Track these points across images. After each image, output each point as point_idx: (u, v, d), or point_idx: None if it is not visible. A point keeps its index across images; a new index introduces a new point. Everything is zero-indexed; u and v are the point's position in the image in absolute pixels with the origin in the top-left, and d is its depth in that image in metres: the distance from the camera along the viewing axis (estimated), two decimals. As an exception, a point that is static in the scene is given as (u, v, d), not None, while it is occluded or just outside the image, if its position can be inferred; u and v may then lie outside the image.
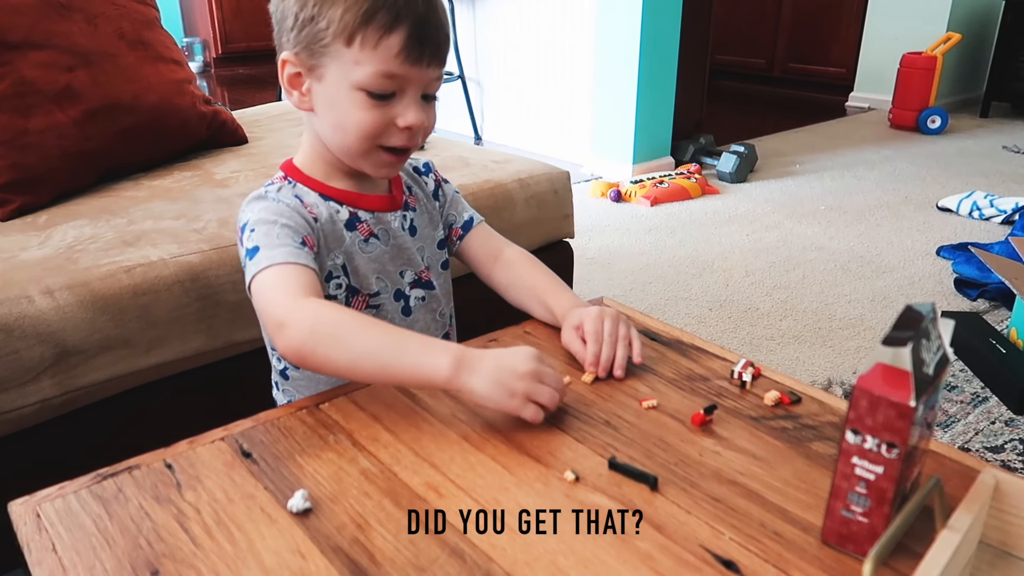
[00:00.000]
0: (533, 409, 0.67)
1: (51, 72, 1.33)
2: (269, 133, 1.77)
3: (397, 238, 0.88)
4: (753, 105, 5.07)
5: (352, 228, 0.85)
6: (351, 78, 0.75)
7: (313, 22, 0.75)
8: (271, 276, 0.73)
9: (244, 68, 5.84)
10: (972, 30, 4.54)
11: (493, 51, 3.80)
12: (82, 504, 0.59)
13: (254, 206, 0.79)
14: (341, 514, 0.58)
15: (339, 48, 0.75)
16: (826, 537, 0.56)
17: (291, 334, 0.70)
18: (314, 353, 0.69)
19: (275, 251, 0.74)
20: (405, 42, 0.74)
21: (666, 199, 2.96)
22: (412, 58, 0.75)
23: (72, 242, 1.13)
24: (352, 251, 0.84)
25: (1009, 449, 1.49)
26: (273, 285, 0.73)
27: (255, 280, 0.74)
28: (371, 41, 0.74)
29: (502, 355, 0.68)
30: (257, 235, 0.76)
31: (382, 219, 0.87)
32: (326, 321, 0.70)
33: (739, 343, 1.91)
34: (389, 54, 0.74)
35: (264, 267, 0.74)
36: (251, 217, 0.78)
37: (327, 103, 0.79)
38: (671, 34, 3.14)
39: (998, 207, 2.78)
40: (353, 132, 0.78)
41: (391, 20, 0.73)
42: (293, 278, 0.73)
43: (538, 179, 1.55)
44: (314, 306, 0.71)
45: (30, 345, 0.97)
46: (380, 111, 0.77)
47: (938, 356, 0.54)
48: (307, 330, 0.69)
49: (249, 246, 0.76)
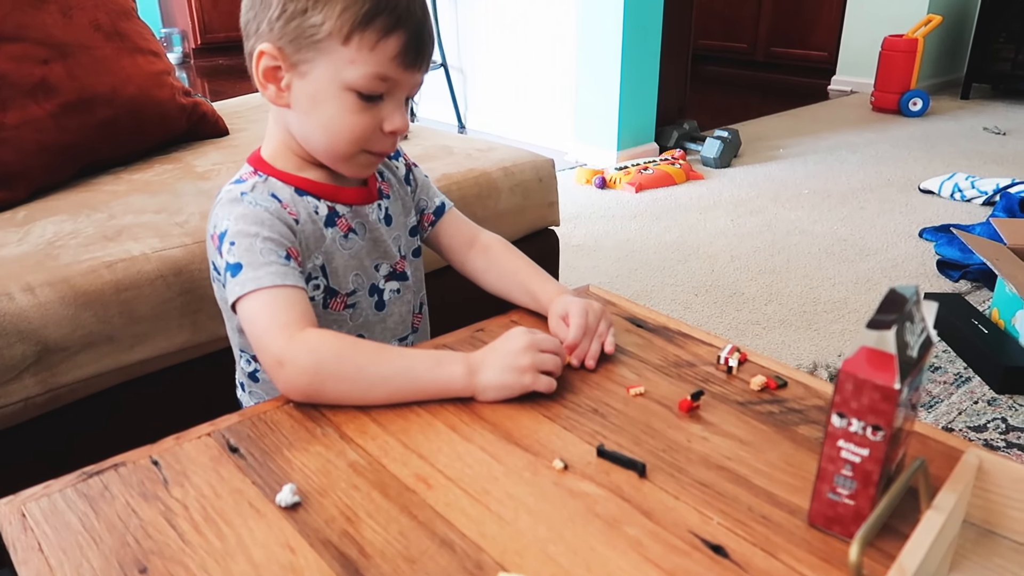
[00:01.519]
0: (546, 380, 0.71)
1: (25, 65, 1.31)
2: (250, 124, 1.75)
3: (374, 231, 0.86)
4: (736, 89, 5.08)
5: (331, 224, 0.83)
6: (342, 77, 0.74)
7: (305, 15, 0.72)
8: (260, 303, 0.72)
9: (224, 59, 5.78)
10: (952, 12, 4.57)
11: (476, 39, 3.78)
12: (68, 503, 0.59)
13: (230, 211, 0.76)
14: (330, 507, 0.58)
15: (333, 45, 0.73)
16: (813, 520, 0.56)
17: (293, 375, 0.69)
18: (322, 391, 0.69)
19: (260, 271, 0.73)
20: (403, 47, 0.74)
21: (651, 185, 2.97)
22: (407, 63, 0.75)
23: (52, 238, 1.12)
24: (332, 250, 0.83)
25: (992, 428, 1.51)
26: (265, 315, 0.72)
27: (241, 304, 0.73)
28: (369, 42, 0.72)
29: (496, 345, 0.72)
30: (239, 250, 0.74)
31: (360, 212, 0.85)
32: (330, 357, 0.69)
33: (725, 328, 1.92)
34: (385, 57, 0.73)
35: (250, 291, 0.72)
36: (230, 227, 0.75)
37: (310, 101, 0.76)
38: (654, 20, 3.13)
39: (979, 188, 2.80)
40: (341, 135, 0.77)
41: (392, 23, 0.72)
42: (284, 305, 0.72)
43: (522, 167, 1.55)
44: (314, 341, 0.70)
45: (11, 343, 0.96)
46: (368, 114, 0.76)
47: (922, 338, 0.55)
48: (311, 370, 0.69)
49: (231, 261, 0.74)
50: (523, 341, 0.71)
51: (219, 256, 0.76)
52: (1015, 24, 4.24)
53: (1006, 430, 1.50)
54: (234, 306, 0.74)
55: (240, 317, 0.74)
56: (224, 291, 0.76)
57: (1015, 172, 3.11)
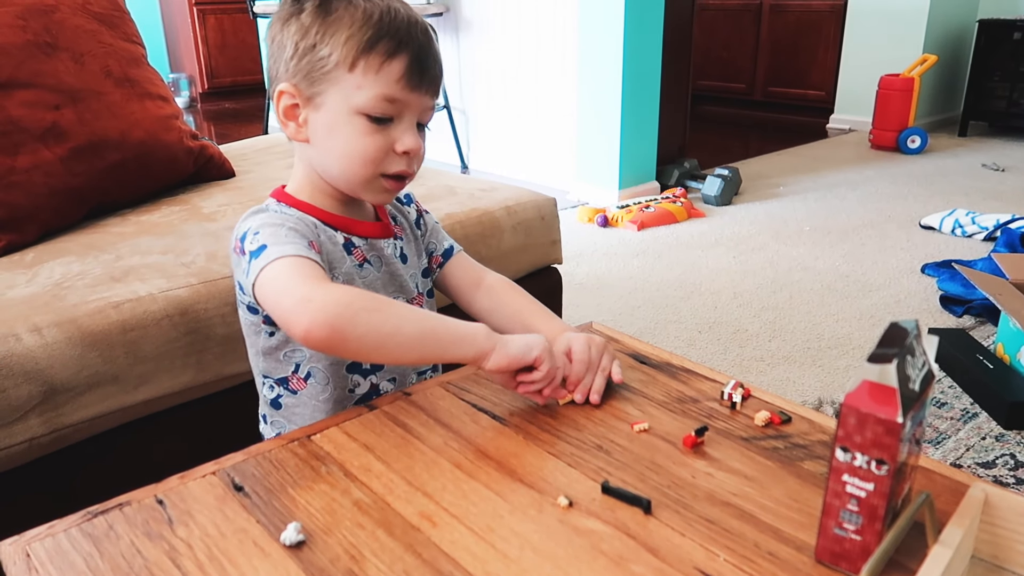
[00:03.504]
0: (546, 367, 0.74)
1: (37, 111, 1.33)
2: (256, 167, 1.78)
3: (390, 265, 0.89)
4: (735, 129, 5.13)
5: (348, 252, 0.85)
6: (352, 102, 0.77)
7: (315, 50, 0.77)
8: (283, 266, 0.72)
9: (230, 102, 5.87)
10: (947, 51, 4.64)
11: (478, 81, 3.84)
12: (72, 543, 0.59)
13: (255, 218, 0.79)
14: (335, 546, 0.58)
15: (341, 74, 0.77)
16: (820, 556, 0.56)
17: (321, 307, 0.67)
18: (353, 323, 0.68)
19: (285, 246, 0.74)
20: (407, 68, 0.77)
21: (653, 223, 2.99)
22: (412, 84, 0.78)
23: (59, 279, 1.13)
24: (351, 274, 0.85)
25: (1000, 464, 1.50)
26: (288, 273, 0.72)
27: (263, 273, 0.73)
28: (374, 66, 0.76)
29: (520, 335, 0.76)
30: (263, 236, 0.75)
31: (375, 245, 0.88)
32: (362, 296, 0.71)
33: (729, 365, 1.92)
34: (391, 79, 0.77)
35: (274, 259, 0.73)
36: (253, 224, 0.77)
37: (325, 131, 0.80)
38: (653, 61, 3.19)
39: (980, 224, 2.81)
40: (356, 159, 0.79)
41: (394, 47, 0.76)
42: (308, 267, 0.73)
43: (525, 206, 1.56)
44: (342, 286, 0.72)
45: (17, 384, 0.96)
46: (379, 136, 0.79)
47: (923, 372, 0.55)
48: (343, 303, 0.68)
49: (254, 248, 0.75)
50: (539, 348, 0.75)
51: (243, 256, 0.76)
52: (1009, 63, 4.30)
53: (1015, 466, 1.49)
54: (255, 286, 0.74)
55: (261, 285, 0.73)
56: (249, 315, 0.77)
57: (1015, 208, 3.13)
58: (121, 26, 1.55)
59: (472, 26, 3.78)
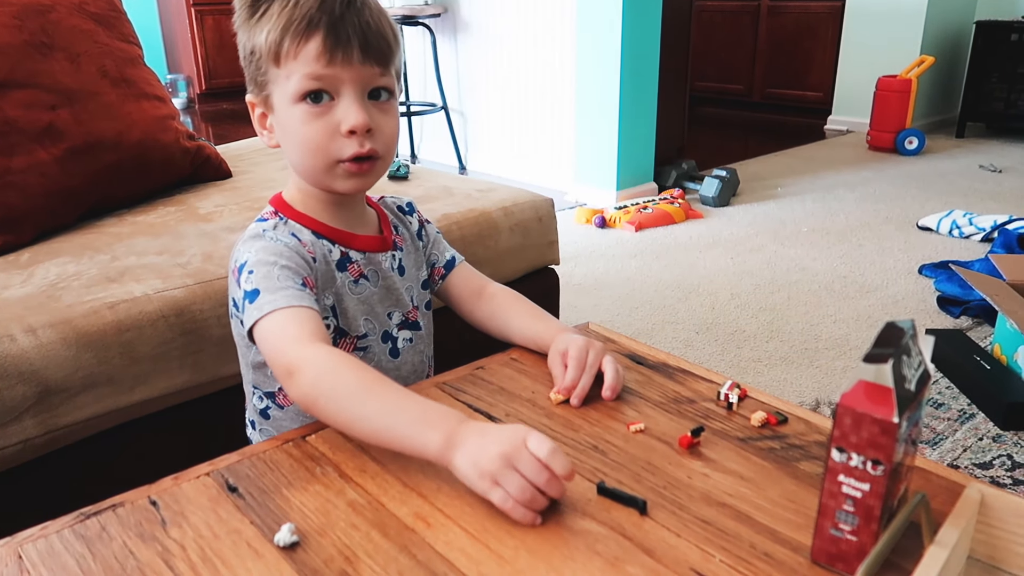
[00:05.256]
0: (500, 494, 0.59)
1: (33, 111, 1.33)
2: (253, 167, 1.77)
3: (387, 279, 0.88)
4: (733, 130, 5.13)
5: (343, 269, 0.85)
6: (287, 92, 0.78)
7: (253, 55, 0.79)
8: (275, 322, 0.73)
9: (228, 103, 5.86)
10: (945, 53, 4.64)
11: (475, 81, 3.84)
12: (65, 544, 0.59)
13: (251, 245, 0.79)
14: (329, 547, 0.57)
15: (273, 71, 0.78)
16: (816, 556, 0.56)
17: (300, 381, 0.69)
18: (316, 405, 0.69)
19: (277, 295, 0.74)
20: (322, 44, 0.76)
21: (650, 224, 2.98)
22: (334, 58, 0.76)
23: (55, 279, 1.13)
24: (342, 292, 0.84)
25: (998, 465, 1.50)
26: (279, 332, 0.73)
27: (258, 326, 0.74)
28: (292, 52, 0.76)
29: (487, 431, 0.62)
30: (256, 277, 0.76)
31: (373, 259, 0.87)
32: (328, 375, 0.69)
33: (726, 365, 1.92)
34: (309, 58, 0.76)
35: (267, 312, 0.73)
36: (249, 258, 0.77)
37: (281, 131, 0.81)
38: (651, 62, 3.19)
39: (977, 225, 2.82)
40: (306, 149, 0.79)
41: (305, 27, 0.76)
42: (297, 322, 0.73)
43: (522, 207, 1.56)
44: (322, 355, 0.70)
45: (12, 384, 0.96)
46: (322, 120, 0.77)
47: (919, 372, 0.55)
48: (311, 382, 0.69)
49: (248, 288, 0.75)
50: (501, 448, 0.60)
51: (238, 288, 0.77)
52: (1007, 65, 4.30)
53: (1012, 467, 1.49)
54: (251, 332, 0.75)
55: (257, 339, 0.75)
56: (242, 327, 0.77)
57: (1012, 209, 3.13)
58: (117, 26, 1.55)
59: (470, 27, 3.78)
